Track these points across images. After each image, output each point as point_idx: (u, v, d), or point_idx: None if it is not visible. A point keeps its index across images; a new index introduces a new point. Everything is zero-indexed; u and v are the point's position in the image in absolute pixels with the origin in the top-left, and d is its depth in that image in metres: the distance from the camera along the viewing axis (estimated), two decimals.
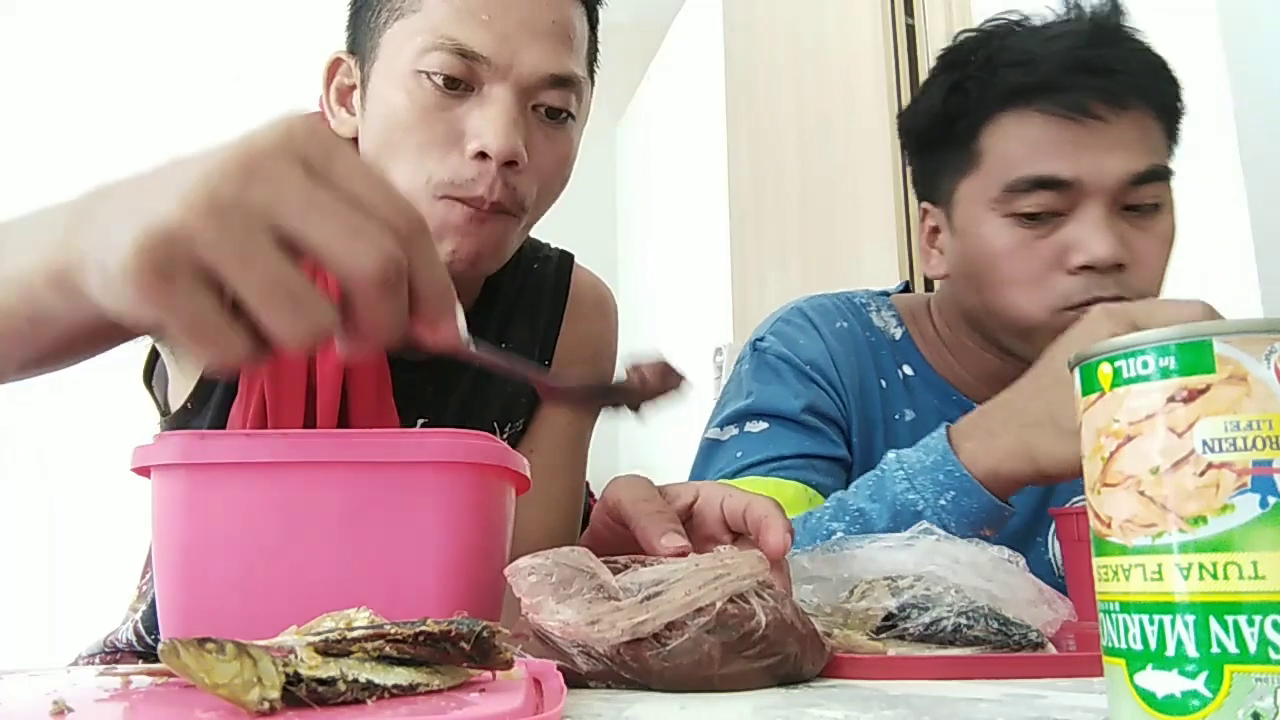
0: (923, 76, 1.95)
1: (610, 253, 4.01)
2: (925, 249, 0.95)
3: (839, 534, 0.75)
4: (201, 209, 0.35)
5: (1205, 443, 0.30)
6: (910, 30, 2.01)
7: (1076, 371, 0.35)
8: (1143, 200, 0.82)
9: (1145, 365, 0.32)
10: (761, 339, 0.96)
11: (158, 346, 0.83)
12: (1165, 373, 0.31)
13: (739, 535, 0.60)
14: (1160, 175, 0.83)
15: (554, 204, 0.81)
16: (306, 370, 0.75)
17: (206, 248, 0.36)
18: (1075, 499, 0.95)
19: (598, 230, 3.94)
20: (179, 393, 0.81)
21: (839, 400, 0.92)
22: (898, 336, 0.96)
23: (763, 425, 0.90)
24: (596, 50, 0.83)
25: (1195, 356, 0.31)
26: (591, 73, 0.83)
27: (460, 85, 0.71)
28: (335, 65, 0.81)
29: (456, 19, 0.71)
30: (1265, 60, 1.42)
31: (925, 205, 0.95)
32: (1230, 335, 0.30)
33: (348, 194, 0.38)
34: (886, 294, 1.02)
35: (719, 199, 2.78)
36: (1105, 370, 0.33)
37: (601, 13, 0.83)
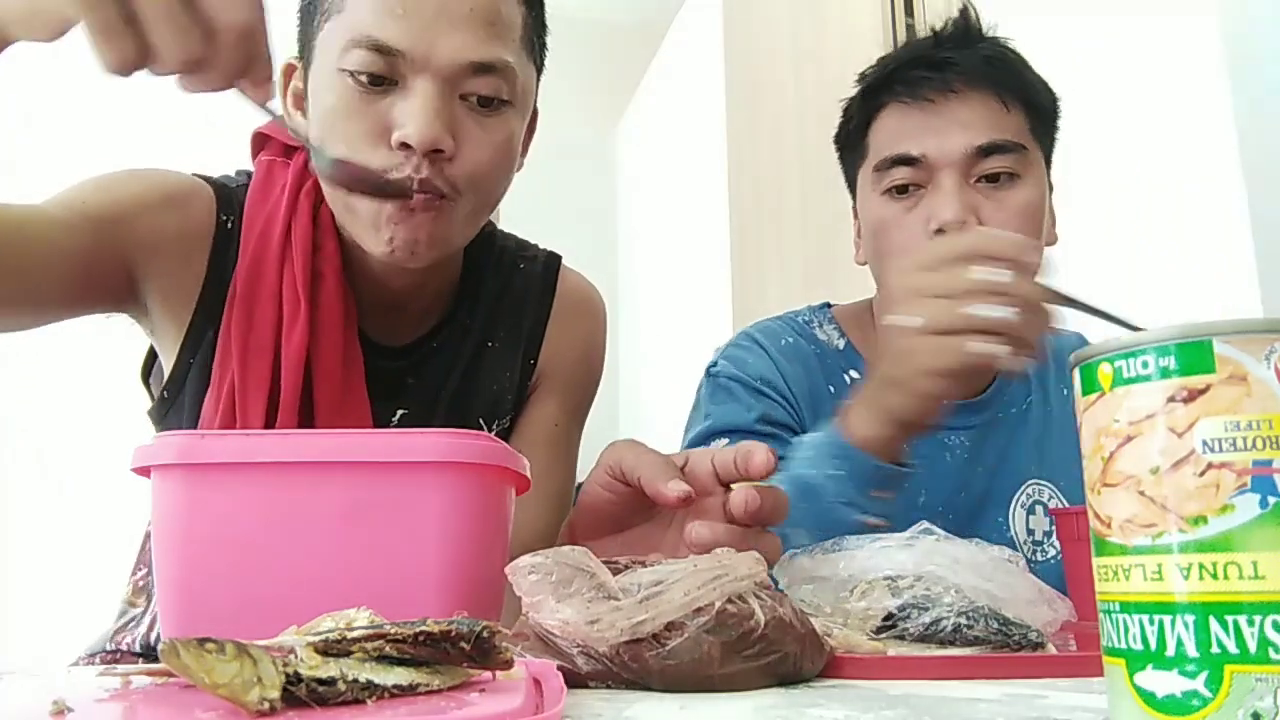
0: None
1: (610, 254, 4.01)
2: (855, 242, 1.06)
3: None
4: None
5: (1205, 443, 0.30)
6: (910, 30, 2.02)
7: (1077, 371, 0.35)
8: (994, 170, 0.92)
9: (1145, 365, 0.32)
10: (714, 364, 1.06)
11: (148, 329, 0.85)
12: (1165, 373, 0.31)
13: (727, 487, 0.62)
14: (1004, 148, 0.92)
15: (506, 191, 0.82)
16: (272, 356, 0.77)
17: None
18: (1030, 481, 1.00)
19: (598, 231, 3.94)
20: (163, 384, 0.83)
21: (791, 409, 1.00)
22: (841, 346, 1.05)
23: (724, 441, 0.97)
24: (540, 33, 0.83)
25: (1195, 356, 0.31)
26: (536, 56, 0.82)
27: (383, 81, 0.72)
28: (289, 71, 0.83)
29: (373, 16, 0.72)
30: (1265, 60, 1.42)
31: (853, 203, 1.07)
32: (1230, 335, 0.30)
33: None
34: (828, 306, 1.11)
35: (719, 200, 2.78)
36: (1105, 370, 0.33)
37: (601, 13, 0.83)
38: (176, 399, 0.81)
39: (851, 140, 1.03)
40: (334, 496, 0.49)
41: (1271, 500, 0.29)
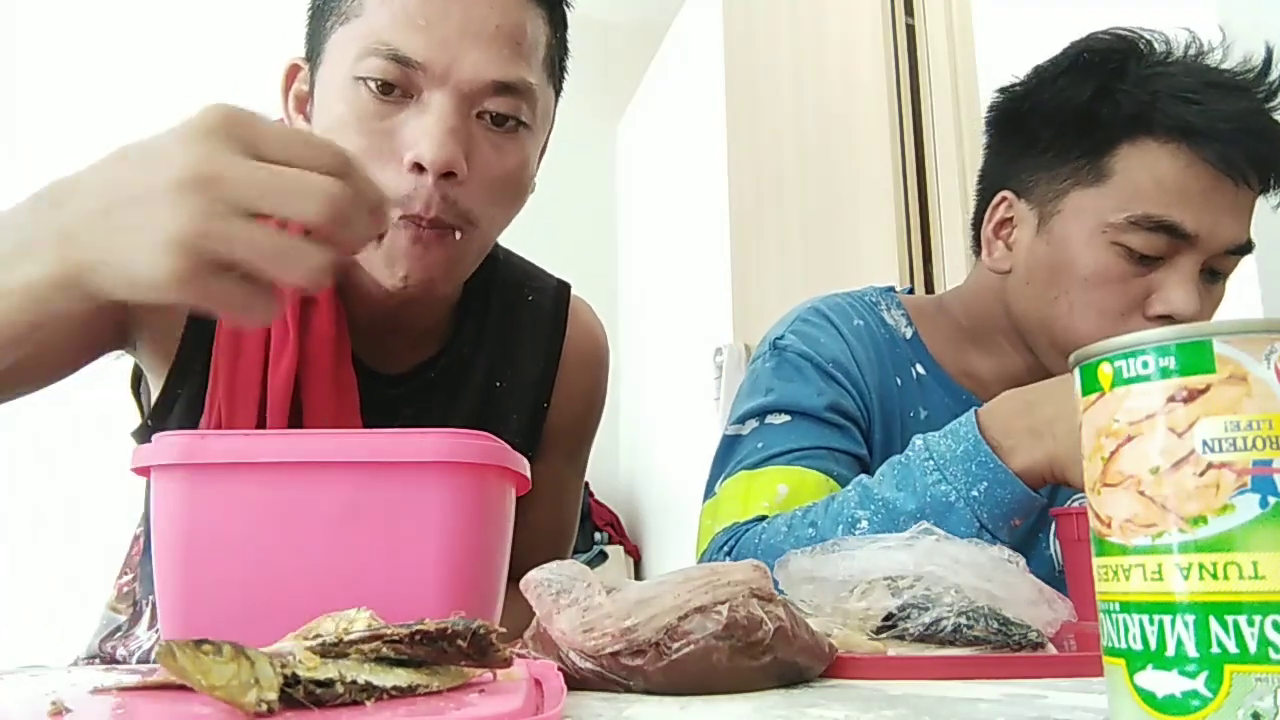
0: (923, 76, 1.96)
1: (611, 253, 4.01)
2: (990, 239, 0.93)
3: (864, 521, 0.75)
4: (201, 217, 0.45)
5: (1205, 443, 0.30)
6: (910, 30, 2.01)
7: (1076, 371, 0.35)
8: (1222, 268, 0.84)
9: (1145, 365, 0.32)
10: (781, 338, 0.96)
11: (138, 363, 0.83)
12: (1165, 373, 0.31)
13: None
14: (1246, 251, 0.84)
15: (517, 215, 0.78)
16: (259, 389, 0.74)
17: (217, 244, 0.45)
18: (1076, 498, 0.96)
19: (598, 231, 3.94)
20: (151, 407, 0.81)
21: (860, 398, 0.92)
22: (908, 335, 0.98)
23: (785, 418, 0.90)
24: (563, 55, 0.79)
25: (1195, 356, 0.31)
26: (556, 79, 0.79)
27: (396, 91, 0.69)
28: (292, 72, 0.79)
29: (393, 24, 0.68)
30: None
31: (1006, 195, 0.92)
32: (1230, 335, 0.30)
33: (281, 160, 0.47)
34: (893, 290, 1.03)
35: (719, 199, 2.78)
36: (1105, 370, 0.33)
37: (601, 13, 0.82)
38: (161, 429, 0.78)
39: (1082, 145, 0.85)
40: (334, 496, 0.49)
41: (1271, 500, 0.29)
